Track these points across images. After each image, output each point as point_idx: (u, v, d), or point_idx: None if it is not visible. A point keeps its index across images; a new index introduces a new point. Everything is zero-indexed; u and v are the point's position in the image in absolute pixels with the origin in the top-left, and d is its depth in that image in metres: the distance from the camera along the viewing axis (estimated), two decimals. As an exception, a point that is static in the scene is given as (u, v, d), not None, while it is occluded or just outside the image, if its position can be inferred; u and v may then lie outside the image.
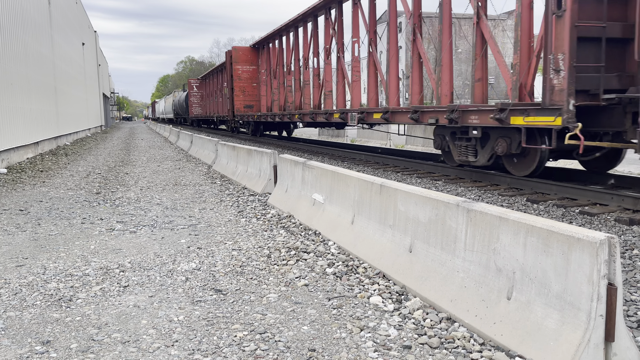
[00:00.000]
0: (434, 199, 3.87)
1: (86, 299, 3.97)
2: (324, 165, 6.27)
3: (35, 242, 5.80)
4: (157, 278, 4.43)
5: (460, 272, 3.51)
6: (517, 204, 7.47)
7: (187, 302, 3.86)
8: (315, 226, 5.94)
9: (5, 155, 13.76)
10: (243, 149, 10.85)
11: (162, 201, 8.45)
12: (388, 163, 12.85)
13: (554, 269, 2.81)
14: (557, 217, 6.61)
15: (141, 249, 5.43)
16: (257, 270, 4.60)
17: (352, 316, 3.57)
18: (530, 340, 2.83)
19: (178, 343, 3.19)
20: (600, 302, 2.58)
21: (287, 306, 3.77)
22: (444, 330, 3.28)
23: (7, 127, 14.07)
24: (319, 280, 4.33)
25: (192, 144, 19.44)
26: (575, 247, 2.69)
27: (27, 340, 3.26)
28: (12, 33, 15.08)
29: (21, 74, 16.04)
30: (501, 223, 3.20)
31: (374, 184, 4.80)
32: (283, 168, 7.83)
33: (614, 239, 2.59)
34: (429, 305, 3.64)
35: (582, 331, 2.60)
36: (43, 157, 16.94)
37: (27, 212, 7.59)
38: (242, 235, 5.97)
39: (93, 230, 6.37)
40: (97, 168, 13.99)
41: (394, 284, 4.08)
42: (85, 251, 5.36)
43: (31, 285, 4.28)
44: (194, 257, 5.04)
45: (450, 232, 3.66)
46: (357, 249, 4.84)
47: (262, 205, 7.74)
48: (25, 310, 3.76)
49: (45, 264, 4.90)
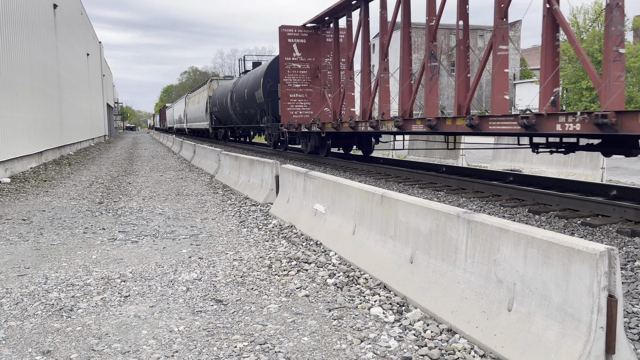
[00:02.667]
0: (435, 209, 3.88)
1: (87, 308, 3.97)
2: (326, 176, 6.28)
3: (38, 251, 5.81)
4: (158, 288, 4.44)
5: (461, 283, 3.51)
6: (519, 215, 7.46)
7: (188, 313, 3.86)
8: (316, 236, 5.95)
9: (9, 164, 13.82)
10: (245, 159, 10.88)
11: (164, 211, 8.46)
12: (390, 173, 12.86)
13: (554, 280, 2.80)
14: (558, 228, 6.60)
15: (143, 258, 5.44)
16: (258, 281, 4.60)
17: (352, 327, 3.56)
18: (531, 352, 2.82)
19: (178, 353, 3.18)
20: (600, 314, 2.57)
21: (287, 317, 3.77)
22: (445, 342, 3.27)
23: (11, 137, 14.15)
24: (320, 290, 4.33)
25: (194, 154, 19.50)
26: (575, 258, 2.69)
27: (28, 350, 3.27)
28: (17, 44, 15.22)
29: (26, 84, 16.16)
30: (501, 234, 3.20)
31: (375, 195, 4.81)
32: (285, 178, 7.85)
33: (613, 250, 2.59)
34: (429, 316, 3.63)
35: (583, 343, 2.59)
36: (46, 167, 17.01)
37: (29, 221, 7.62)
38: (243, 245, 5.97)
39: (95, 240, 6.39)
40: (100, 178, 14.03)
41: (394, 295, 4.07)
42: (87, 261, 5.37)
43: (32, 294, 4.29)
44: (195, 267, 5.04)
45: (451, 243, 3.66)
46: (358, 260, 4.84)
47: (264, 216, 7.74)
48: (26, 320, 3.76)
49: (47, 273, 4.91)
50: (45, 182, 12.79)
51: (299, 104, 18.01)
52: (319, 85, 17.76)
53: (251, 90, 23.44)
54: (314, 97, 17.82)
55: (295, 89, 17.94)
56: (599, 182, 10.48)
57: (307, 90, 18.06)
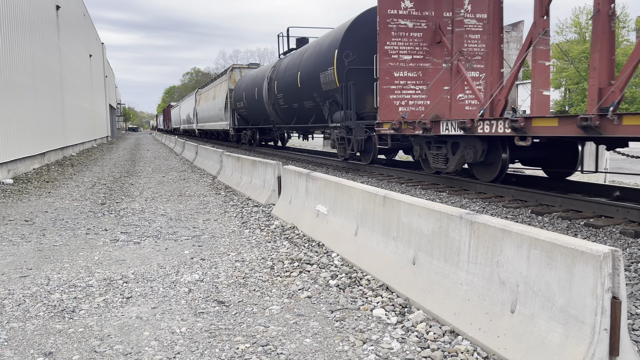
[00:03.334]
0: (437, 210, 3.87)
1: (89, 310, 3.97)
2: (328, 177, 6.27)
3: (40, 252, 5.82)
4: (160, 289, 4.43)
5: (464, 285, 3.49)
6: (522, 216, 7.43)
7: (190, 314, 3.86)
8: (318, 237, 5.94)
9: (11, 165, 13.85)
10: (247, 160, 10.88)
11: (167, 212, 8.47)
12: (392, 174, 12.84)
13: (557, 282, 2.79)
14: (562, 229, 6.58)
15: (145, 260, 5.44)
16: (260, 282, 4.59)
17: (354, 329, 3.55)
18: (534, 354, 2.81)
19: (180, 355, 3.18)
20: (604, 315, 2.56)
21: (289, 318, 3.76)
22: (447, 344, 3.26)
23: (14, 138, 14.19)
24: (322, 292, 4.32)
25: (197, 155, 19.52)
26: (578, 260, 2.67)
27: (30, 351, 3.27)
28: (20, 45, 15.26)
29: (28, 85, 16.20)
30: (504, 235, 3.18)
31: (377, 196, 4.80)
32: (287, 179, 7.84)
33: (617, 252, 2.58)
34: (432, 318, 3.62)
35: (587, 345, 2.58)
36: (49, 168, 17.04)
37: (32, 222, 7.63)
38: (245, 246, 5.97)
39: (97, 241, 6.39)
40: (103, 179, 14.05)
41: (397, 296, 4.06)
42: (89, 262, 5.37)
43: (35, 296, 4.29)
44: (197, 269, 5.04)
45: (454, 244, 3.65)
46: (361, 261, 4.82)
47: (266, 217, 7.74)
48: (28, 321, 3.76)
49: (49, 274, 4.91)
50: (48, 183, 12.81)
51: (407, 88, 11.27)
52: (439, 58, 11.37)
53: (311, 73, 15.52)
54: (430, 77, 11.32)
55: (403, 63, 11.14)
56: (602, 182, 10.43)
57: (422, 66, 11.32)
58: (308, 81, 15.94)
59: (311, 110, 16.70)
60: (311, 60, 15.88)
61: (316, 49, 15.87)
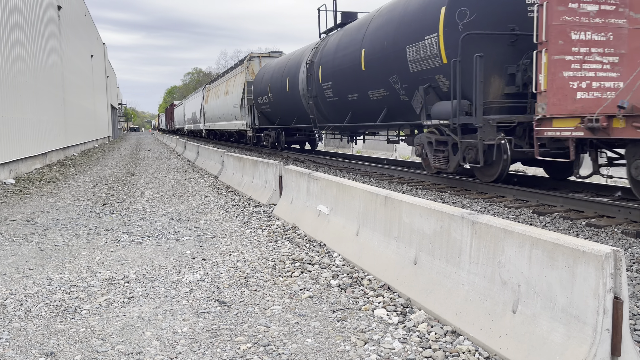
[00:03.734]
0: (439, 210, 3.86)
1: (91, 310, 3.97)
2: (329, 177, 6.28)
3: (42, 252, 5.82)
4: (161, 289, 4.44)
5: (465, 285, 3.49)
6: (524, 216, 7.43)
7: (191, 314, 3.86)
8: (320, 237, 5.94)
9: (13, 165, 13.87)
10: (249, 160, 10.88)
11: (168, 212, 8.47)
12: (394, 174, 12.84)
13: (559, 282, 2.79)
14: (563, 229, 6.57)
15: (146, 260, 5.44)
16: (261, 282, 4.59)
17: (356, 329, 3.55)
18: (535, 354, 2.80)
19: (181, 355, 3.18)
20: (606, 316, 2.55)
21: (291, 318, 3.76)
22: (449, 344, 3.26)
23: (16, 138, 14.21)
24: (324, 292, 4.32)
25: (198, 155, 19.53)
26: (580, 260, 2.67)
27: (32, 351, 3.27)
28: (21, 45, 15.28)
29: (30, 85, 16.22)
30: (506, 235, 3.18)
31: (378, 196, 4.80)
32: (288, 179, 7.84)
33: (619, 252, 2.57)
34: (433, 318, 3.62)
35: (588, 345, 2.57)
36: (51, 168, 17.07)
37: (34, 222, 7.64)
38: (247, 246, 5.97)
39: (99, 241, 6.40)
40: (104, 179, 14.06)
41: (398, 297, 4.06)
42: (91, 262, 5.38)
43: (36, 296, 4.30)
44: (198, 269, 5.04)
45: (455, 244, 3.64)
46: (362, 261, 4.82)
47: (267, 217, 7.74)
48: (30, 321, 3.77)
49: (50, 274, 4.92)
50: (50, 183, 12.83)
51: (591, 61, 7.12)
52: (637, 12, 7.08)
53: (386, 49, 11.14)
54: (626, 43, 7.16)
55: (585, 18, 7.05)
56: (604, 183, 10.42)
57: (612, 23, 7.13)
58: (379, 61, 11.44)
59: (380, 103, 12.10)
60: (385, 31, 11.26)
61: (394, 13, 11.14)
